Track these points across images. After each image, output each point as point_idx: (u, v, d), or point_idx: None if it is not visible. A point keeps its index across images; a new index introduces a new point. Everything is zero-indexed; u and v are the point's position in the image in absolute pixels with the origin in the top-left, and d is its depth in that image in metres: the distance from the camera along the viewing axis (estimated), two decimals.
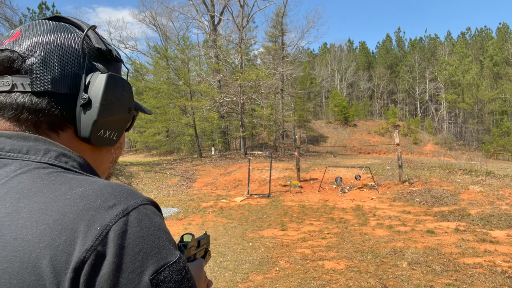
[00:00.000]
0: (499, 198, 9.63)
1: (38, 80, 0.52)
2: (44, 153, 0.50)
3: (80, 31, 0.59)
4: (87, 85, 0.55)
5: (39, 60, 0.52)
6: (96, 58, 0.58)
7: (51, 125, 0.54)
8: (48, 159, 0.50)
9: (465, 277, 4.67)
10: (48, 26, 0.56)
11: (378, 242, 6.44)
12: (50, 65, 0.53)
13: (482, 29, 64.04)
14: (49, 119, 0.53)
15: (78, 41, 0.56)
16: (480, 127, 43.16)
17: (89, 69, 0.56)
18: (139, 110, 0.73)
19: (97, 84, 0.55)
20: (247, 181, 13.61)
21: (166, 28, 33.98)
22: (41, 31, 0.55)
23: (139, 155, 35.16)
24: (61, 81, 0.53)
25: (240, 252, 6.09)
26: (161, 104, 23.98)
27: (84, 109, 0.54)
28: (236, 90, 23.16)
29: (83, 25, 0.59)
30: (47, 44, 0.53)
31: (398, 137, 13.80)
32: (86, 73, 0.55)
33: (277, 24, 29.66)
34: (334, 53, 57.49)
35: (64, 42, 0.55)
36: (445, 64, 48.99)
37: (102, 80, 0.55)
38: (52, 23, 0.57)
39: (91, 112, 0.54)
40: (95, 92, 0.54)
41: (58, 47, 0.54)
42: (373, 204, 10.18)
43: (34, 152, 0.50)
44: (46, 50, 0.53)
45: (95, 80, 0.55)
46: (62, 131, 0.55)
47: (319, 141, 36.24)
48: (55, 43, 0.54)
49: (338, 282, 4.59)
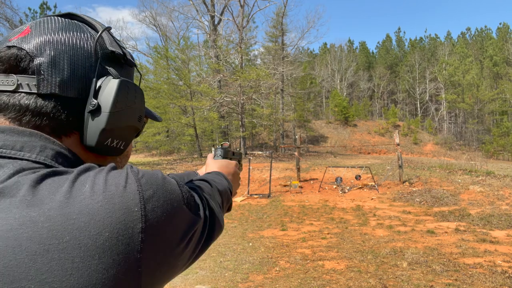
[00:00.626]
0: (499, 198, 9.63)
1: (46, 81, 0.49)
2: (40, 150, 0.47)
3: (94, 31, 0.56)
4: (97, 90, 0.52)
5: (48, 60, 0.49)
6: (108, 61, 0.55)
7: (55, 129, 0.50)
8: (44, 158, 0.47)
9: (465, 277, 4.67)
10: (60, 24, 0.52)
11: (378, 242, 6.44)
12: (60, 66, 0.50)
13: (482, 29, 64.07)
14: (54, 123, 0.50)
15: (91, 42, 0.53)
16: (480, 127, 43.18)
17: (101, 73, 0.53)
18: (150, 117, 0.70)
19: (108, 90, 0.52)
20: (247, 181, 13.62)
21: (166, 28, 34.02)
22: (52, 28, 0.51)
23: (139, 155, 35.17)
24: (70, 84, 0.50)
25: (240, 252, 6.09)
26: (161, 104, 24.00)
27: (92, 116, 0.51)
28: (236, 90, 23.17)
29: (98, 25, 0.56)
30: (57, 43, 0.50)
31: (398, 137, 13.81)
32: (97, 77, 0.52)
33: (277, 24, 29.70)
34: (334, 53, 57.51)
35: (76, 43, 0.52)
36: (445, 64, 49.00)
37: (114, 86, 0.52)
38: (64, 21, 0.53)
39: (99, 120, 0.51)
40: (105, 98, 0.51)
41: (70, 47, 0.51)
42: (373, 204, 10.18)
43: (29, 149, 0.46)
44: (57, 50, 0.50)
45: (107, 85, 0.52)
46: (66, 136, 0.52)
47: (319, 141, 36.25)
48: (66, 43, 0.51)
49: (338, 282, 4.59)
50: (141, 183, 0.45)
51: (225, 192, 0.75)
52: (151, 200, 0.44)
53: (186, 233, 0.49)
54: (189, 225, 0.50)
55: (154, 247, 0.43)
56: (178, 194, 0.48)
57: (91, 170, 0.46)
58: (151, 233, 0.43)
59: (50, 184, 0.42)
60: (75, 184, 0.42)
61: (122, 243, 0.40)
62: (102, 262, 0.39)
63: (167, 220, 0.45)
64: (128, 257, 0.40)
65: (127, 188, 0.43)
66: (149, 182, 0.46)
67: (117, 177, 0.45)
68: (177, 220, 0.47)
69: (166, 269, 0.47)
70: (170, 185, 0.48)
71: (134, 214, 0.42)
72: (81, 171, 0.45)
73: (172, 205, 0.47)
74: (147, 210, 0.43)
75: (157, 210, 0.44)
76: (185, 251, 0.50)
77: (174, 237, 0.47)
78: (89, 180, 0.43)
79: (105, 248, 0.39)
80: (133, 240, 0.41)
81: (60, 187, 0.41)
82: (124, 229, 0.40)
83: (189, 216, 0.50)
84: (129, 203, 0.42)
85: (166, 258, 0.46)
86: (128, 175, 0.45)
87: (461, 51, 51.68)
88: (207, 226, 0.57)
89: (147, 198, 0.44)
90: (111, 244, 0.39)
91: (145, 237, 0.42)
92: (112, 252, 0.39)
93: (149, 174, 0.48)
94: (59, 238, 0.38)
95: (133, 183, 0.44)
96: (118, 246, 0.40)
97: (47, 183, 0.42)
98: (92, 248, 0.38)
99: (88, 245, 0.38)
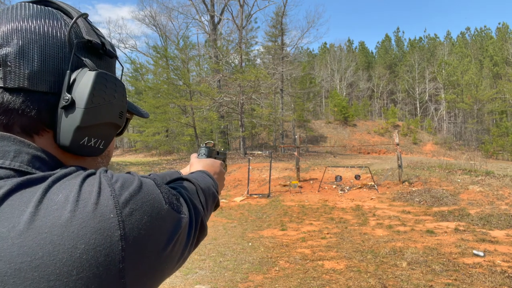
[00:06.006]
0: (498, 198, 9.64)
1: (13, 74, 0.44)
2: (14, 155, 0.42)
3: (69, 18, 0.50)
4: (71, 83, 0.46)
5: (15, 50, 0.44)
6: (85, 52, 0.50)
7: (25, 128, 0.45)
8: (20, 165, 0.42)
9: (465, 277, 4.68)
10: (31, 11, 0.47)
11: (378, 242, 6.44)
12: (29, 57, 0.44)
13: (482, 29, 64.07)
14: (23, 121, 0.45)
15: (65, 30, 0.48)
16: (480, 127, 43.19)
17: (76, 65, 0.48)
18: (134, 112, 0.64)
19: (83, 83, 0.46)
20: (246, 181, 13.61)
21: (165, 28, 33.97)
22: (21, 16, 0.46)
23: (138, 155, 35.15)
24: (41, 77, 0.45)
25: (239, 252, 6.09)
26: (161, 104, 23.99)
27: (65, 112, 0.46)
28: (236, 90, 23.17)
29: (74, 11, 0.51)
30: (26, 32, 0.45)
31: (398, 137, 13.81)
32: (71, 70, 0.47)
33: (277, 24, 29.67)
34: (334, 53, 57.49)
35: (47, 31, 0.46)
36: (444, 64, 49.03)
37: (90, 79, 0.47)
38: (36, 7, 0.48)
39: (73, 116, 0.46)
40: (80, 92, 0.46)
41: (40, 36, 0.45)
42: (373, 204, 10.18)
43: (1, 155, 0.42)
44: (25, 39, 0.44)
45: (82, 78, 0.47)
46: (38, 136, 0.47)
47: (318, 141, 36.24)
48: (36, 31, 0.45)
49: (337, 282, 4.59)
50: (115, 188, 0.42)
51: (209, 190, 0.72)
52: (128, 204, 0.41)
53: (173, 235, 0.46)
54: (174, 224, 0.47)
55: (137, 255, 0.40)
56: (157, 194, 0.45)
57: (68, 176, 0.42)
58: (132, 239, 0.39)
59: (22, 194, 0.38)
60: (48, 194, 0.38)
61: (101, 254, 0.37)
62: (81, 277, 0.35)
63: (149, 223, 0.42)
64: (109, 269, 0.37)
65: (100, 195, 0.40)
66: (124, 186, 0.43)
67: (91, 183, 0.41)
68: (160, 222, 0.44)
69: (152, 276, 0.43)
70: (148, 186, 0.45)
71: (110, 221, 0.39)
72: (57, 178, 0.41)
73: (153, 206, 0.43)
74: (124, 215, 0.40)
75: (135, 213, 0.41)
76: (172, 254, 0.47)
77: (160, 240, 0.44)
78: (62, 189, 0.39)
79: (83, 261, 0.36)
80: (112, 249, 0.38)
81: (32, 197, 0.38)
82: (101, 239, 0.37)
83: (172, 216, 0.47)
84: (103, 210, 0.39)
85: (152, 265, 0.43)
86: (101, 181, 0.42)
87: (461, 51, 51.71)
88: (193, 226, 0.54)
89: (123, 203, 0.41)
90: (89, 256, 0.36)
91: (125, 244, 0.39)
92: (91, 265, 0.36)
93: (123, 177, 0.45)
94: (31, 255, 0.34)
95: (105, 188, 0.41)
96: (96, 258, 0.36)
97: (20, 194, 0.38)
98: (68, 263, 0.35)
99: (63, 260, 0.35)
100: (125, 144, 46.73)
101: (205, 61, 30.01)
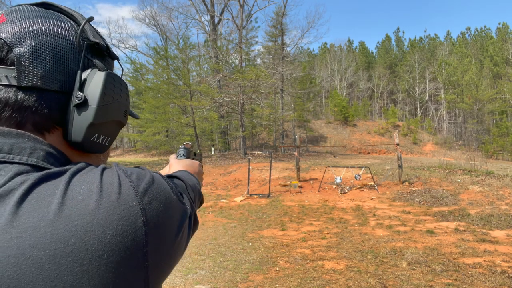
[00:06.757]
0: (498, 198, 9.63)
1: (27, 73, 0.45)
2: (30, 152, 0.44)
3: (72, 21, 0.52)
4: (82, 83, 0.49)
5: (29, 50, 0.46)
6: (92, 53, 0.53)
7: (37, 126, 0.47)
8: (36, 160, 0.44)
9: (465, 277, 4.67)
10: (39, 13, 0.49)
11: (378, 242, 6.44)
12: (42, 57, 0.46)
13: (482, 29, 64.08)
14: (36, 119, 0.47)
15: (72, 33, 0.50)
16: (480, 127, 43.19)
17: (85, 65, 0.51)
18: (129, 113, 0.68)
19: (95, 82, 0.49)
20: (247, 181, 13.61)
21: (166, 28, 34.00)
22: (31, 17, 0.48)
23: (139, 155, 35.16)
24: (53, 76, 0.47)
25: (240, 252, 6.09)
26: (161, 104, 24.00)
27: (78, 110, 0.48)
28: (236, 90, 23.17)
29: (77, 15, 0.53)
30: (38, 33, 0.47)
31: (398, 137, 13.81)
32: (81, 70, 0.49)
33: (277, 24, 29.66)
34: (334, 53, 57.50)
35: (57, 32, 0.48)
36: (444, 64, 49.02)
37: (101, 78, 0.50)
38: (41, 10, 0.50)
39: (86, 114, 0.49)
40: (92, 91, 0.49)
41: (51, 37, 0.47)
42: (373, 204, 10.18)
43: (18, 151, 0.43)
44: (37, 39, 0.46)
45: (92, 77, 0.50)
46: (49, 133, 0.49)
47: (319, 141, 36.24)
48: (47, 33, 0.47)
49: (338, 282, 4.59)
50: (132, 179, 0.45)
51: (195, 188, 0.76)
52: (146, 194, 0.44)
53: (181, 223, 0.50)
54: (182, 214, 0.51)
55: (157, 240, 0.44)
56: (167, 186, 0.49)
57: (84, 169, 0.45)
58: (152, 225, 0.43)
59: (45, 187, 0.40)
60: (70, 185, 0.41)
61: (128, 239, 0.40)
62: (111, 261, 0.38)
63: (164, 211, 0.46)
64: (135, 252, 0.40)
65: (121, 185, 0.43)
66: (139, 177, 0.46)
67: (110, 175, 0.44)
68: (173, 211, 0.48)
69: (168, 260, 0.47)
70: (158, 179, 0.49)
71: (134, 208, 0.42)
72: (75, 171, 0.43)
73: (166, 197, 0.47)
74: (145, 203, 0.43)
75: (153, 202, 0.44)
76: (181, 241, 0.51)
77: (173, 227, 0.47)
78: (83, 181, 0.42)
79: (112, 246, 0.39)
80: (137, 234, 0.41)
81: (56, 189, 0.40)
82: (127, 225, 0.40)
83: (180, 206, 0.51)
84: (126, 199, 0.42)
85: (168, 250, 0.46)
86: (119, 173, 0.45)
87: (461, 51, 51.72)
88: (192, 218, 0.59)
89: (142, 192, 0.44)
90: (118, 241, 0.39)
91: (148, 230, 0.42)
92: (120, 249, 0.39)
93: (136, 171, 0.48)
94: (64, 241, 0.37)
95: (124, 179, 0.44)
96: (124, 243, 0.40)
97: (43, 187, 0.40)
98: (99, 248, 0.38)
99: (94, 245, 0.38)
100: (125, 144, 46.75)
101: (205, 61, 30.04)
